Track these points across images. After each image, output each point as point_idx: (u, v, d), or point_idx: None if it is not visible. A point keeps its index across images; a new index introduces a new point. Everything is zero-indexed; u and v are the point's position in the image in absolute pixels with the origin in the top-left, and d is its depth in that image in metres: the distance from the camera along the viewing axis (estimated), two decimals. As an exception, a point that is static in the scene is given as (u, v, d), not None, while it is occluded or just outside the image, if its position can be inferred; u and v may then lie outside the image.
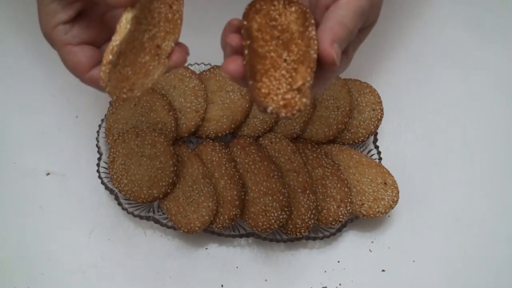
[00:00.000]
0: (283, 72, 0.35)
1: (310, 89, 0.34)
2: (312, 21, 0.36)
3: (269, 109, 0.33)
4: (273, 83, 0.34)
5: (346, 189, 0.54)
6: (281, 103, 0.34)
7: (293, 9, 0.36)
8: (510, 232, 0.57)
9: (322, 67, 0.35)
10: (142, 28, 0.37)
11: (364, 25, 0.38)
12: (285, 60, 0.35)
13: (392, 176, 0.55)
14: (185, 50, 0.40)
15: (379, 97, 0.59)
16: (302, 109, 0.34)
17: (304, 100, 0.34)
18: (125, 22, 0.36)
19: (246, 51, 0.35)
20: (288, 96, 0.34)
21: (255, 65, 0.35)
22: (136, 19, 0.36)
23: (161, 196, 0.53)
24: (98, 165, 0.56)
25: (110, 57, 0.35)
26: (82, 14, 0.39)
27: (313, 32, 0.35)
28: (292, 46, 0.35)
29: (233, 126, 0.57)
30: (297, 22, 0.36)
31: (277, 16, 0.36)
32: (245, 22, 0.36)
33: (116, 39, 0.35)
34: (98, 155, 0.57)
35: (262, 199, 0.52)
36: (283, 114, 0.33)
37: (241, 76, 0.35)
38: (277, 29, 0.36)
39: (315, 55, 0.35)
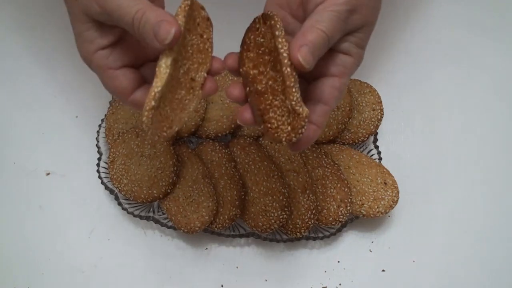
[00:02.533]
0: (281, 96, 0.36)
1: (301, 100, 0.35)
2: (278, 32, 0.36)
3: (283, 141, 0.36)
4: (277, 113, 0.36)
5: (346, 189, 0.54)
6: (289, 128, 0.36)
7: (267, 24, 0.37)
8: (510, 232, 0.57)
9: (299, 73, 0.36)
10: (178, 65, 0.37)
11: (353, 27, 0.38)
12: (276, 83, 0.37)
13: (392, 176, 0.55)
14: (219, 68, 0.39)
15: (379, 97, 0.59)
16: (305, 123, 0.35)
17: (301, 114, 0.35)
18: (164, 67, 0.35)
19: (249, 99, 0.37)
20: (290, 119, 0.36)
21: (259, 107, 0.36)
22: (174, 61, 0.35)
23: (161, 196, 0.53)
24: (98, 165, 0.56)
25: (153, 103, 0.34)
26: (121, 38, 0.39)
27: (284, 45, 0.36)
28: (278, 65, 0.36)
29: (233, 126, 0.57)
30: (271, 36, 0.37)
31: (262, 40, 0.37)
32: (241, 70, 0.37)
33: (158, 85, 0.34)
34: (98, 155, 0.57)
35: (262, 199, 0.52)
36: (294, 139, 0.36)
37: (254, 123, 0.38)
38: (266, 53, 0.37)
39: (287, 70, 0.35)
